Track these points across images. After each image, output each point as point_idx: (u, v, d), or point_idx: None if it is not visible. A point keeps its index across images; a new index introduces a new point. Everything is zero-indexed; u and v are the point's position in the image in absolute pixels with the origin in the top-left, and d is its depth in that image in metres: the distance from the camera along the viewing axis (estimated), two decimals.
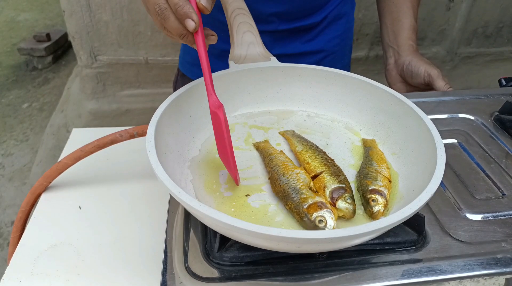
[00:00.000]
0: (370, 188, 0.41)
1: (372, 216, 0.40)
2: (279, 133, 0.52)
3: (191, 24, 0.40)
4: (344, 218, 0.40)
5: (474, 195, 0.47)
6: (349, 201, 0.39)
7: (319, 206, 0.38)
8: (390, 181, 0.43)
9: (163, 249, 0.40)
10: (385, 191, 0.41)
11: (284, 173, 0.42)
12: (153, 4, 0.41)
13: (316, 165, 0.44)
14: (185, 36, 0.42)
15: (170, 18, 0.41)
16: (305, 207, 0.38)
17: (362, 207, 0.42)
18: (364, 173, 0.44)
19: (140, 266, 0.49)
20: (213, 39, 0.45)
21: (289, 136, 0.51)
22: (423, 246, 0.40)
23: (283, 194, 0.41)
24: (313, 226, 0.37)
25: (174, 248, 0.40)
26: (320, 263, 0.39)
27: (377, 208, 0.40)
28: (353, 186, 0.44)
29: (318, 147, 0.48)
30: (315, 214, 0.37)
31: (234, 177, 0.43)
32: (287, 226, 0.39)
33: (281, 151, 0.47)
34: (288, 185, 0.41)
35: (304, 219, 0.38)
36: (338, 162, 0.46)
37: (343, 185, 0.41)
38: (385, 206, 0.40)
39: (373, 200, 0.40)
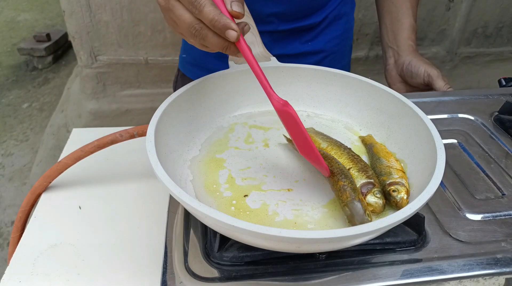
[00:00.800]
0: (388, 182, 0.42)
1: (397, 205, 0.40)
2: None
3: (232, 35, 0.39)
4: (374, 212, 0.41)
5: (474, 195, 0.47)
6: (378, 195, 0.40)
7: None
8: (404, 172, 0.44)
9: (163, 249, 0.40)
10: (403, 181, 0.42)
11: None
12: (188, 29, 0.40)
13: (343, 162, 0.45)
14: (228, 47, 0.41)
15: (208, 36, 0.40)
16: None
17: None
18: (377, 172, 0.45)
19: (140, 266, 0.49)
20: (247, 28, 0.43)
21: (311, 134, 0.51)
22: (423, 246, 0.40)
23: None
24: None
25: (174, 248, 0.40)
26: (320, 263, 0.39)
27: (399, 196, 0.40)
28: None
29: (342, 144, 0.48)
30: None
31: (325, 169, 0.42)
32: (287, 226, 0.39)
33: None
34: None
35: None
36: None
37: (372, 180, 0.42)
38: (407, 192, 0.41)
39: (393, 191, 0.41)
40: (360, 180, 0.42)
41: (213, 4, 0.39)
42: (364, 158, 0.48)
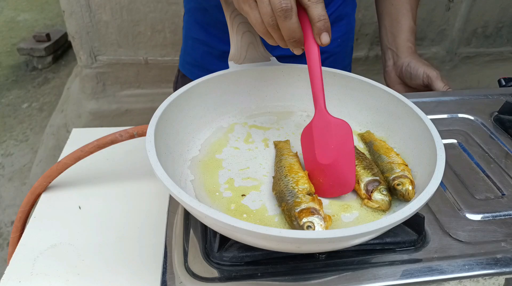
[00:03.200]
0: (391, 177, 0.42)
1: (405, 197, 0.40)
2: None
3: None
4: (380, 209, 0.41)
5: (473, 195, 0.47)
6: (384, 192, 0.41)
7: (311, 212, 0.37)
8: (406, 165, 0.44)
9: (163, 249, 0.40)
10: (405, 173, 0.42)
11: (286, 174, 0.42)
12: (260, 21, 0.42)
13: None
14: (296, 41, 0.42)
15: (292, 19, 0.40)
16: (297, 211, 0.38)
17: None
18: (380, 170, 0.45)
19: (140, 266, 0.49)
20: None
21: None
22: (423, 246, 0.40)
23: (280, 195, 0.41)
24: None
25: (174, 248, 0.40)
26: (320, 263, 0.39)
27: (404, 188, 0.40)
28: None
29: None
30: (304, 219, 0.37)
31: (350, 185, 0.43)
32: (287, 226, 0.39)
33: (295, 153, 0.47)
34: (286, 187, 0.41)
35: (293, 222, 0.38)
36: None
37: (377, 178, 0.42)
38: (411, 183, 0.41)
39: (398, 184, 0.41)
40: (366, 177, 0.42)
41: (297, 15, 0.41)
42: None
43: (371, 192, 0.41)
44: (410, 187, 0.40)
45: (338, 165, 0.42)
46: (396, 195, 0.42)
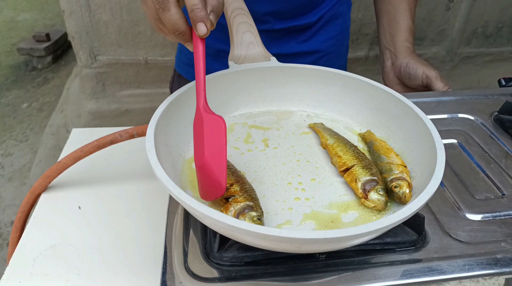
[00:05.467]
0: (389, 179, 0.42)
1: (401, 200, 0.41)
2: (308, 125, 0.53)
3: (202, 29, 0.38)
4: (375, 209, 0.41)
5: (473, 195, 0.47)
6: (381, 192, 0.40)
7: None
8: (405, 166, 0.44)
9: (163, 249, 0.40)
10: (404, 176, 0.42)
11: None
12: None
13: (347, 159, 0.45)
14: (181, 34, 0.40)
15: (170, 10, 0.38)
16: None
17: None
18: (378, 170, 0.45)
19: (140, 266, 0.49)
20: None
21: (319, 129, 0.51)
22: (423, 246, 0.40)
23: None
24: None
25: (174, 248, 0.40)
26: (320, 263, 0.39)
27: (402, 191, 0.40)
28: None
29: (348, 141, 0.49)
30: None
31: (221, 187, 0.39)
32: (287, 226, 0.39)
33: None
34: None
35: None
36: None
37: (375, 178, 0.42)
38: (409, 186, 0.41)
39: (395, 187, 0.41)
40: (364, 177, 0.42)
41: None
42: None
43: (368, 191, 0.41)
44: (407, 190, 0.40)
45: (210, 166, 0.39)
46: (392, 197, 0.42)
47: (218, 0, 0.40)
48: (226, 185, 0.39)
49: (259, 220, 0.38)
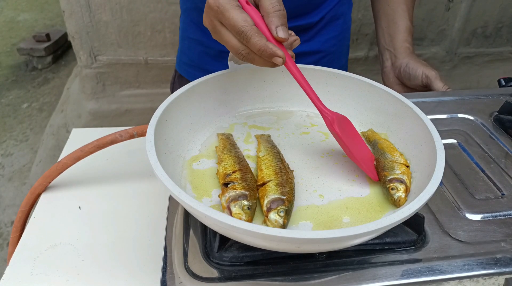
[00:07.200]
0: (389, 178, 0.42)
1: (395, 204, 0.41)
2: (255, 135, 0.52)
3: (279, 61, 0.42)
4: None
5: (473, 195, 0.47)
6: (281, 214, 0.38)
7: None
8: (407, 166, 0.44)
9: (163, 249, 0.40)
10: (404, 178, 0.42)
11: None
12: (236, 52, 0.43)
13: (266, 173, 0.43)
14: (275, 65, 0.43)
15: (255, 59, 0.43)
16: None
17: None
18: (381, 167, 0.45)
19: (140, 266, 0.49)
20: (297, 43, 0.47)
21: (261, 140, 0.50)
22: (423, 246, 0.40)
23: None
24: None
25: (173, 248, 0.40)
26: (320, 263, 0.39)
27: (397, 194, 0.40)
28: (352, 182, 0.45)
29: (281, 158, 0.46)
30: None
31: (371, 175, 0.45)
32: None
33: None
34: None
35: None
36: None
37: (284, 197, 0.39)
38: (406, 191, 0.41)
39: (392, 189, 0.41)
40: (272, 195, 0.40)
41: (259, 33, 0.41)
42: None
43: (269, 210, 0.38)
44: (403, 195, 0.40)
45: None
46: (387, 197, 0.42)
47: (275, 10, 0.43)
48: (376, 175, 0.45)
49: (249, 209, 0.38)
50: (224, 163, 0.44)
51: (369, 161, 0.46)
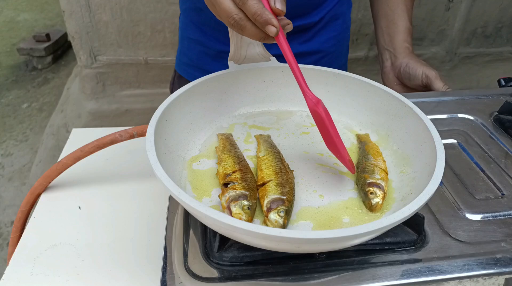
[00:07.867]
0: (368, 181, 0.42)
1: (371, 208, 0.41)
2: (254, 136, 0.52)
3: (272, 30, 0.41)
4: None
5: (473, 195, 0.47)
6: (281, 214, 0.38)
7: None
8: (387, 173, 0.44)
9: (163, 249, 0.40)
10: (383, 184, 0.42)
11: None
12: (226, 18, 0.42)
13: (266, 173, 0.43)
14: (266, 38, 0.43)
15: (246, 27, 0.42)
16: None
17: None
18: (361, 168, 0.45)
19: (140, 266, 0.49)
20: (289, 27, 0.45)
21: (261, 141, 0.50)
22: (423, 246, 0.40)
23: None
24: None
25: (173, 248, 0.40)
26: (320, 263, 0.39)
27: (375, 200, 0.41)
28: (352, 182, 0.45)
29: (281, 158, 0.46)
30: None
31: (348, 167, 0.44)
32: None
33: None
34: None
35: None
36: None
37: (284, 197, 0.40)
38: (383, 198, 0.41)
39: (371, 193, 0.41)
40: (272, 195, 0.40)
41: None
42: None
43: (269, 210, 0.39)
44: (381, 202, 0.41)
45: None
46: (363, 200, 0.42)
47: None
48: (353, 166, 0.44)
49: (249, 209, 0.38)
50: (224, 163, 0.44)
51: (345, 151, 0.44)
